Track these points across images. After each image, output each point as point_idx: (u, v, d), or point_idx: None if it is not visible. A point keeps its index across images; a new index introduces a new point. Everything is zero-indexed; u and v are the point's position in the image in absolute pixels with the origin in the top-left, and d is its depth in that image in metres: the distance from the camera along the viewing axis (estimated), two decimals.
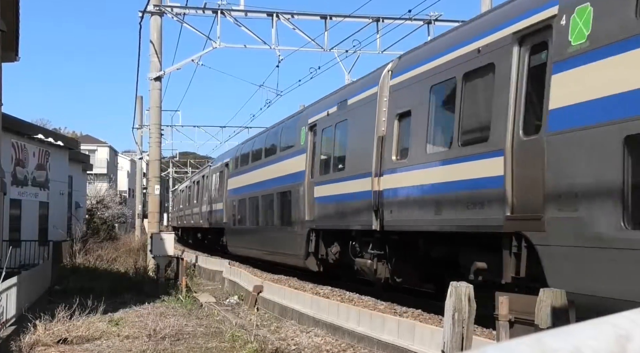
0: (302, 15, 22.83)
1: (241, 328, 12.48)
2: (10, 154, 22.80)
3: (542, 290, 7.01)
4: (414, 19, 22.51)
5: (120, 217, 52.25)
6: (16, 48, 17.87)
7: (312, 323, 12.70)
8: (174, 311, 15.09)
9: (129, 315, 14.21)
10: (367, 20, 22.58)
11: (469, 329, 7.34)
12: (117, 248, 29.59)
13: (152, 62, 22.54)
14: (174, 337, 11.50)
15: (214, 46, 22.00)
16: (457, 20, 23.93)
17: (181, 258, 21.85)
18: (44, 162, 26.36)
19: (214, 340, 11.62)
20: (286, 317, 14.17)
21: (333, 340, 11.39)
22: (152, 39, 22.44)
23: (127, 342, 11.29)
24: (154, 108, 23.24)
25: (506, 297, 7.69)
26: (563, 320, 6.81)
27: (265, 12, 22.32)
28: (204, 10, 21.99)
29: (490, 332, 8.99)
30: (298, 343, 11.37)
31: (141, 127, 42.35)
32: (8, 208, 21.13)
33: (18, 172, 23.82)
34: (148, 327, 12.03)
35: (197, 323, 13.57)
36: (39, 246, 23.73)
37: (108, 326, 12.48)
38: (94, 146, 68.60)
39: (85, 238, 28.81)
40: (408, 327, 9.80)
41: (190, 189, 41.46)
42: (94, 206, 45.23)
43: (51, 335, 10.96)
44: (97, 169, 58.29)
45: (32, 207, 25.30)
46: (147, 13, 22.03)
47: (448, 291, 7.52)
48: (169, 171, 68.73)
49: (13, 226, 22.99)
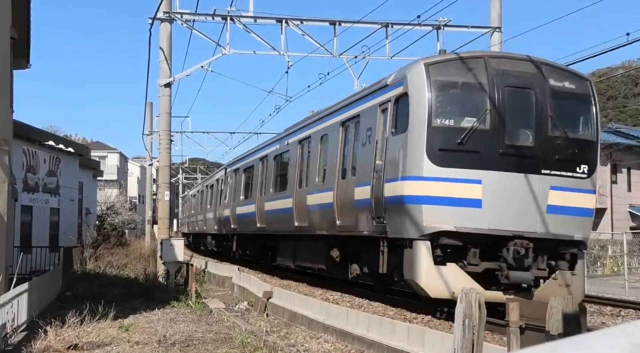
0: (311, 21, 22.86)
1: (251, 334, 12.47)
2: (22, 161, 22.95)
3: (553, 296, 6.98)
4: (423, 25, 22.49)
5: (130, 223, 52.45)
6: (27, 55, 18.01)
7: (322, 329, 12.68)
8: (183, 317, 15.10)
9: (139, 320, 14.23)
10: (376, 26, 22.59)
11: (479, 335, 7.31)
12: (127, 254, 29.69)
13: (162, 68, 22.64)
14: (183, 343, 11.51)
15: (223, 52, 22.08)
16: (466, 25, 23.95)
17: (191, 264, 21.88)
18: (55, 169, 26.51)
19: (223, 346, 11.61)
20: (296, 322, 14.15)
21: (343, 346, 11.37)
22: (161, 46, 22.54)
23: (137, 347, 11.31)
24: (164, 114, 23.33)
25: (517, 303, 7.66)
26: (574, 327, 6.76)
27: (275, 18, 22.38)
28: (214, 17, 22.08)
29: (501, 338, 8.95)
30: (308, 349, 11.36)
31: (151, 134, 42.53)
32: (19, 214, 21.25)
33: (29, 178, 23.96)
34: (158, 332, 12.04)
35: (207, 329, 13.57)
36: (49, 252, 23.86)
37: (118, 332, 12.51)
38: (104, 152, 68.93)
39: (95, 244, 28.94)
40: (418, 333, 9.76)
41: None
42: (104, 212, 45.43)
43: (62, 341, 10.99)
44: (107, 175, 58.58)
45: (43, 214, 25.43)
46: (156, 20, 22.14)
47: (458, 297, 7.49)
48: (178, 177, 68.92)
49: (24, 232, 23.11)
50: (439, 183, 10.75)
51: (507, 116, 11.06)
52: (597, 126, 11.77)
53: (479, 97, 11.10)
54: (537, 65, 11.49)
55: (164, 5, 22.00)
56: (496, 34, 24.15)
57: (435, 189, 10.74)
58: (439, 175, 10.75)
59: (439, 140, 10.85)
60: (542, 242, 10.91)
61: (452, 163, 10.84)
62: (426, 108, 10.90)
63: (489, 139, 10.94)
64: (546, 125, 11.18)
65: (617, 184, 39.74)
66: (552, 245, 11.12)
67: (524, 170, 10.94)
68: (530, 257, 10.73)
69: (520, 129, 11.29)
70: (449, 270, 10.69)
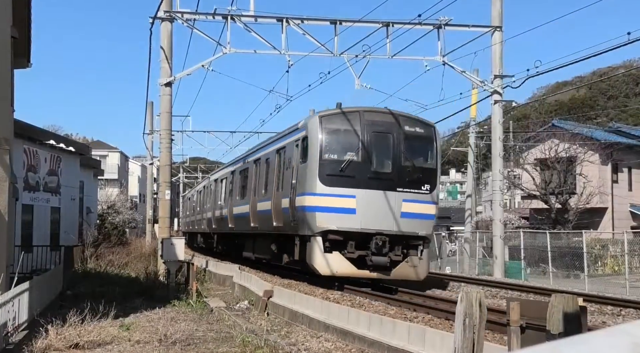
0: (311, 20, 22.84)
1: (252, 333, 12.47)
2: (22, 160, 22.96)
3: (554, 295, 6.98)
4: (423, 24, 22.48)
5: (131, 222, 52.45)
6: (28, 54, 18.01)
7: (323, 329, 12.69)
8: (184, 316, 15.11)
9: (139, 319, 14.24)
10: (377, 25, 22.57)
11: (480, 335, 7.31)
12: (128, 253, 29.66)
13: (163, 67, 22.64)
14: (184, 342, 11.52)
15: (224, 51, 22.08)
16: (467, 24, 23.94)
17: (191, 263, 21.89)
18: (56, 168, 26.51)
19: (224, 345, 11.62)
20: (296, 322, 14.16)
21: (343, 345, 11.37)
22: (162, 45, 22.54)
23: (138, 346, 11.32)
24: (165, 113, 23.33)
25: (517, 302, 7.65)
26: (574, 326, 6.76)
27: (275, 18, 22.37)
28: (214, 16, 22.07)
29: (502, 337, 8.95)
30: (308, 348, 11.36)
31: (152, 133, 42.57)
32: (20, 213, 21.25)
33: (30, 177, 23.97)
34: (159, 331, 12.05)
35: (208, 328, 13.58)
36: (50, 251, 23.87)
37: (119, 331, 12.52)
38: (105, 152, 68.91)
39: (96, 243, 28.93)
40: (419, 332, 9.77)
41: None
42: (105, 211, 45.42)
43: (63, 340, 11.00)
44: (108, 175, 58.56)
45: (43, 213, 25.44)
46: (157, 19, 22.14)
47: (459, 297, 7.49)
48: (179, 176, 68.93)
49: (25, 231, 23.11)
50: (327, 197, 15.70)
51: (373, 152, 16.07)
52: (437, 158, 16.70)
53: (355, 139, 16.09)
54: (395, 116, 16.51)
55: (164, 4, 22.00)
56: (497, 33, 24.14)
57: (324, 202, 15.69)
58: (327, 192, 15.74)
59: (327, 169, 15.88)
60: (397, 237, 15.80)
61: (335, 184, 15.81)
62: (318, 146, 15.94)
63: (361, 168, 15.94)
64: (400, 158, 16.18)
65: (618, 184, 39.72)
66: (404, 239, 15.97)
67: (384, 188, 15.88)
68: (387, 247, 15.59)
69: (382, 160, 16.19)
70: (334, 257, 15.63)
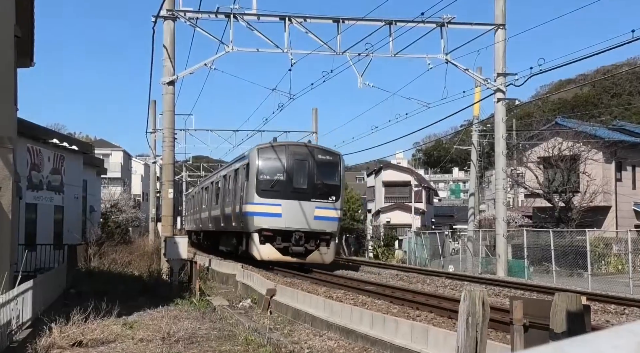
0: (314, 18, 22.82)
1: (254, 331, 12.48)
2: (26, 159, 22.99)
3: (557, 294, 6.96)
4: (426, 22, 22.45)
5: (134, 220, 52.50)
6: (31, 53, 18.03)
7: (325, 327, 12.69)
8: (187, 314, 15.13)
9: (143, 318, 14.26)
10: (380, 24, 22.55)
11: (483, 333, 7.30)
12: (131, 252, 29.69)
13: (165, 66, 22.65)
14: (187, 340, 11.54)
15: (226, 50, 22.07)
16: (470, 22, 23.89)
17: (194, 262, 21.92)
18: (59, 167, 26.55)
19: (227, 343, 11.63)
20: (299, 320, 14.16)
21: (346, 343, 11.37)
22: (165, 44, 22.54)
23: (141, 345, 11.34)
24: (167, 112, 23.34)
25: (520, 301, 7.64)
26: (578, 325, 6.74)
27: (278, 16, 22.35)
28: (217, 15, 22.06)
29: (505, 336, 8.94)
30: (311, 346, 11.36)
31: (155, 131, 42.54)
32: (24, 212, 21.29)
33: (33, 176, 24.01)
34: (162, 330, 12.07)
35: (211, 326, 13.60)
36: (54, 250, 23.89)
37: (122, 329, 12.54)
38: (108, 150, 68.98)
39: (99, 242, 28.96)
40: (421, 331, 9.76)
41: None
42: (108, 210, 45.48)
43: (66, 338, 11.02)
44: (111, 173, 58.62)
45: (47, 211, 25.47)
46: (160, 18, 22.14)
47: (462, 295, 7.48)
48: (182, 175, 68.97)
49: (29, 230, 23.16)
50: (262, 206, 22.83)
51: (294, 174, 23.24)
52: (341, 177, 24.27)
53: (281, 165, 23.29)
54: (310, 149, 24.05)
55: (167, 3, 21.99)
56: (500, 31, 24.09)
57: (260, 208, 22.81)
58: (262, 201, 22.86)
59: (262, 185, 23.08)
60: (310, 233, 22.86)
61: (267, 196, 22.86)
62: (256, 170, 23.22)
63: (285, 185, 23.10)
64: (313, 177, 23.35)
65: (621, 182, 39.59)
66: (316, 235, 22.99)
67: (302, 199, 22.94)
68: (304, 240, 22.69)
69: (300, 179, 23.25)
70: (266, 247, 22.73)
